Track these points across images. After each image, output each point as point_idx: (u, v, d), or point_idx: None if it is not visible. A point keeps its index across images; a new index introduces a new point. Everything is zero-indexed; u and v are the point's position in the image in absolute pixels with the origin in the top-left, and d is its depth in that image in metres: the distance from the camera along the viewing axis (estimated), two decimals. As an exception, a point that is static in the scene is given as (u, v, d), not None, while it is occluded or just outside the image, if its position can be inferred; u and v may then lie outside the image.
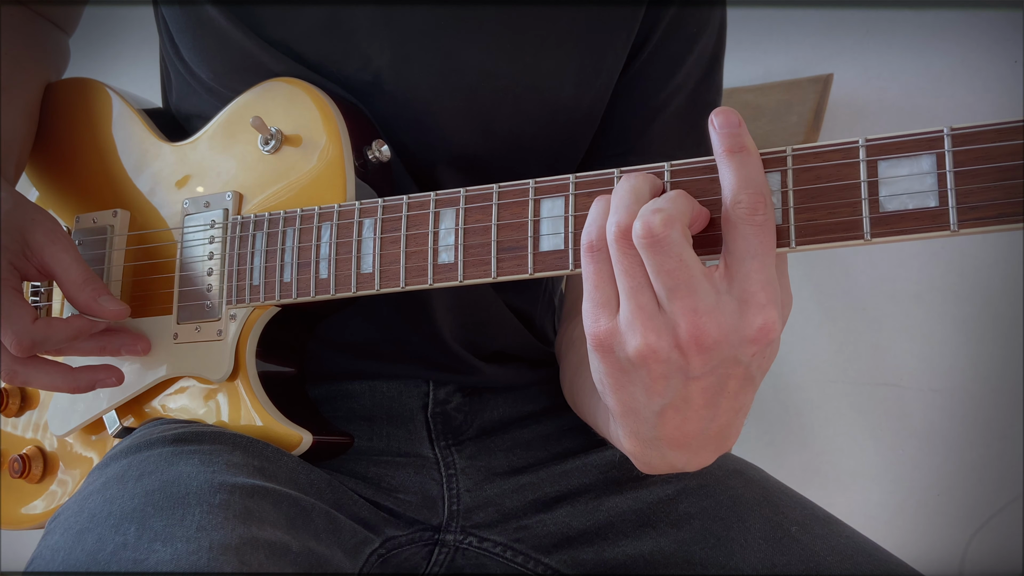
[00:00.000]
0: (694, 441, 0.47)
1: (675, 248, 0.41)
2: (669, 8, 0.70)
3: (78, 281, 0.63)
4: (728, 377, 0.44)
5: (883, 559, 0.59)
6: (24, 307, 0.61)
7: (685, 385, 0.44)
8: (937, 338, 1.04)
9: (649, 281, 0.43)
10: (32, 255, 0.63)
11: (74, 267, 0.63)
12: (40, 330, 0.61)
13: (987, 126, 0.39)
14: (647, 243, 0.42)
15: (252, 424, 0.62)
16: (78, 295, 0.63)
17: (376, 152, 0.63)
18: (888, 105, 1.06)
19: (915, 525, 1.06)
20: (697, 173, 0.47)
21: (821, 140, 0.52)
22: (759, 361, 0.44)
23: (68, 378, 0.63)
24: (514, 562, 0.65)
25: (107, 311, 0.63)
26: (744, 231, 0.42)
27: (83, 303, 0.63)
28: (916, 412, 1.05)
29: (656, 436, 0.47)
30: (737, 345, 0.43)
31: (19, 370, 0.62)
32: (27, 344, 0.60)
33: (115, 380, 0.65)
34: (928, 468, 1.05)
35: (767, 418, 1.14)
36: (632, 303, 0.43)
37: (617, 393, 0.46)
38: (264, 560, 0.48)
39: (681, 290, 0.42)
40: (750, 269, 0.42)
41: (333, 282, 0.58)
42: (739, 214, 0.42)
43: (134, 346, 0.65)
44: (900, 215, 0.41)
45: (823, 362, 1.10)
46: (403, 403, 0.71)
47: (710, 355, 0.43)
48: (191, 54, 0.69)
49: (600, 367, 0.46)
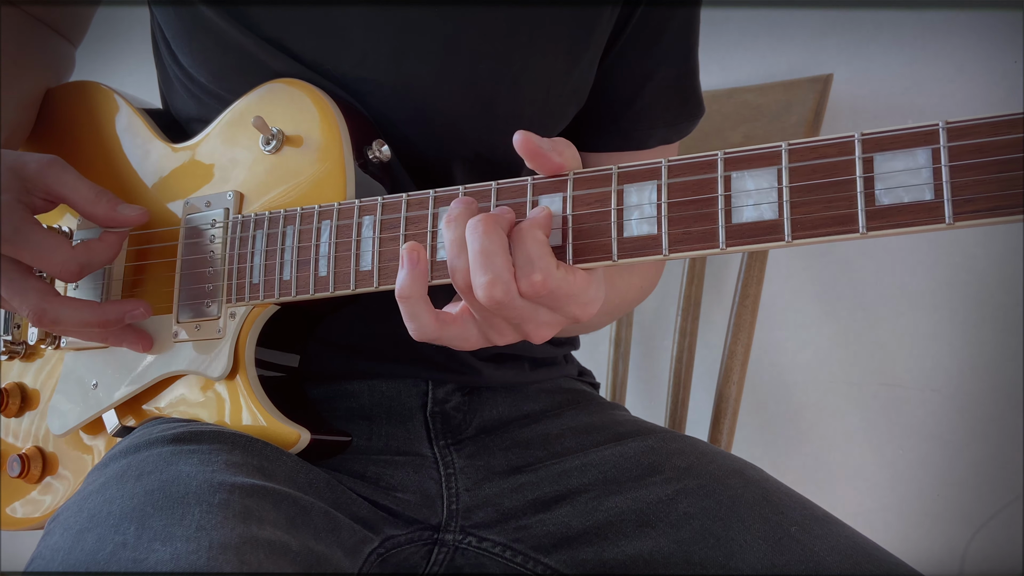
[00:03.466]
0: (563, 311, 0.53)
1: (515, 303, 0.49)
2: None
3: (90, 196, 0.62)
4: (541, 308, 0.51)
5: (883, 559, 0.59)
6: (56, 236, 0.61)
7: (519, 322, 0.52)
8: (937, 338, 1.04)
9: (498, 316, 0.51)
10: (33, 186, 0.62)
11: (80, 184, 0.62)
12: (83, 253, 0.61)
13: (982, 120, 0.40)
14: (494, 307, 0.49)
15: (251, 422, 0.62)
16: (95, 209, 0.62)
17: (376, 152, 0.63)
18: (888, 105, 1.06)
19: (915, 525, 1.06)
20: (693, 171, 0.47)
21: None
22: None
23: (97, 312, 0.62)
24: (513, 562, 0.65)
25: (129, 218, 0.63)
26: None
27: (103, 214, 0.62)
28: (916, 412, 1.05)
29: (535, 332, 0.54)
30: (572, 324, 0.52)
31: (47, 308, 0.61)
32: (75, 269, 0.60)
33: (143, 312, 0.64)
34: (928, 468, 1.05)
35: (767, 418, 1.14)
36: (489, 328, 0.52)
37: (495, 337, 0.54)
38: (264, 559, 0.48)
39: (525, 322, 0.51)
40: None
41: (332, 280, 0.58)
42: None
43: (137, 343, 0.65)
44: (896, 208, 0.41)
45: (823, 362, 1.10)
46: (402, 402, 0.71)
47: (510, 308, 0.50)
48: (188, 58, 0.69)
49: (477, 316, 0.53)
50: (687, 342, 1.04)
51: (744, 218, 0.45)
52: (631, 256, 0.48)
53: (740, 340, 0.98)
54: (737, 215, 0.45)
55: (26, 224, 0.60)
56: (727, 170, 0.46)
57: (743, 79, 1.10)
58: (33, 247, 0.60)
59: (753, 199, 0.45)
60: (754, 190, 0.45)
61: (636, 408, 0.84)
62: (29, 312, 0.61)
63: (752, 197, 0.45)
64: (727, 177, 0.46)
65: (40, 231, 0.60)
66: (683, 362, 1.03)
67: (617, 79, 0.74)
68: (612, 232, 0.49)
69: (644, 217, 0.48)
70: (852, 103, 1.06)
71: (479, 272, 0.48)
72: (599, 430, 0.72)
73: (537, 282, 0.48)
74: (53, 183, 0.62)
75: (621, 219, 0.49)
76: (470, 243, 0.49)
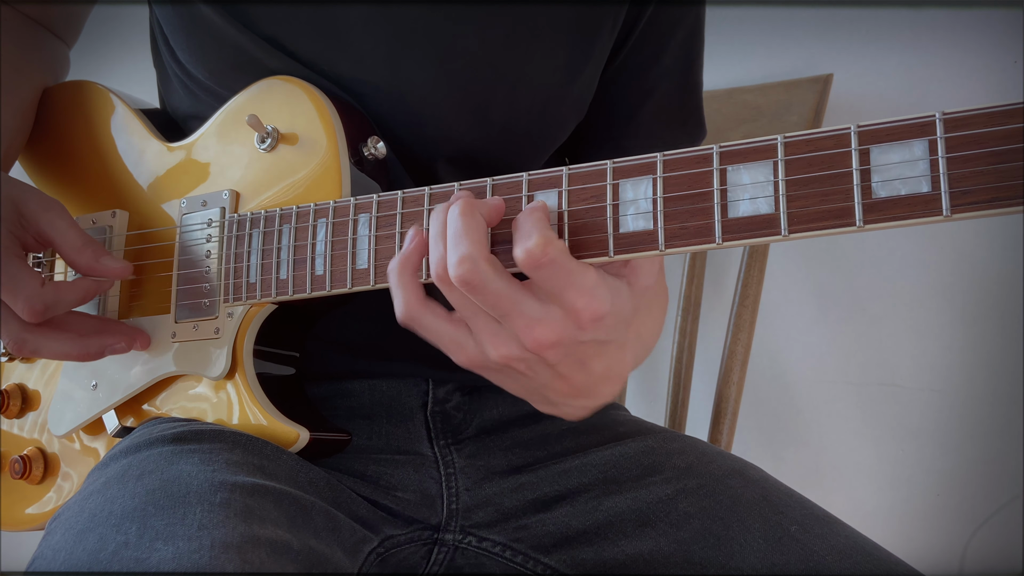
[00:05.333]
0: (586, 391, 0.52)
1: (489, 286, 0.46)
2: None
3: (77, 245, 0.63)
4: (585, 354, 0.49)
5: (883, 559, 0.58)
6: (30, 273, 0.61)
7: (551, 369, 0.49)
8: (937, 338, 1.04)
9: (479, 308, 0.48)
10: (28, 224, 0.62)
11: (70, 232, 0.63)
12: (50, 294, 0.60)
13: (979, 110, 0.39)
14: (466, 290, 0.47)
15: (249, 421, 0.62)
16: (79, 258, 0.63)
17: (372, 149, 0.63)
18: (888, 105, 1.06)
19: (915, 525, 1.06)
20: (688, 165, 0.47)
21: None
22: (604, 330, 0.48)
23: (78, 344, 0.63)
24: (513, 562, 0.65)
25: (110, 270, 0.63)
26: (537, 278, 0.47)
27: (85, 265, 0.63)
28: (916, 412, 1.05)
29: (553, 400, 0.53)
30: (575, 332, 0.47)
31: (28, 338, 0.62)
32: (39, 308, 0.60)
33: (124, 346, 0.65)
34: (928, 468, 1.05)
35: (767, 418, 1.14)
36: (475, 328, 0.49)
37: (508, 386, 0.53)
38: (265, 558, 0.47)
39: (509, 315, 0.47)
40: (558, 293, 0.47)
41: (329, 279, 0.58)
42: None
43: (133, 342, 0.66)
44: (893, 201, 0.41)
45: (823, 362, 1.10)
46: (402, 402, 0.71)
47: (556, 350, 0.47)
48: (186, 54, 0.69)
49: (485, 374, 0.52)
50: (687, 342, 1.03)
51: (740, 212, 0.45)
52: (627, 252, 0.48)
53: (740, 340, 0.98)
54: (733, 209, 0.45)
55: (7, 255, 0.60)
56: (722, 164, 0.46)
57: (743, 79, 1.10)
58: (5, 279, 0.60)
59: (749, 193, 0.45)
60: (750, 184, 0.45)
61: (636, 408, 0.84)
62: (9, 341, 0.62)
63: (748, 191, 0.45)
64: (723, 171, 0.46)
65: (16, 264, 0.60)
66: (683, 362, 1.03)
67: (617, 94, 0.74)
68: (608, 228, 0.48)
69: (640, 212, 0.48)
70: (852, 103, 1.06)
71: (452, 250, 0.47)
72: (599, 430, 0.72)
73: (535, 246, 0.45)
74: (46, 227, 0.62)
75: (617, 214, 0.48)
76: (448, 224, 0.48)
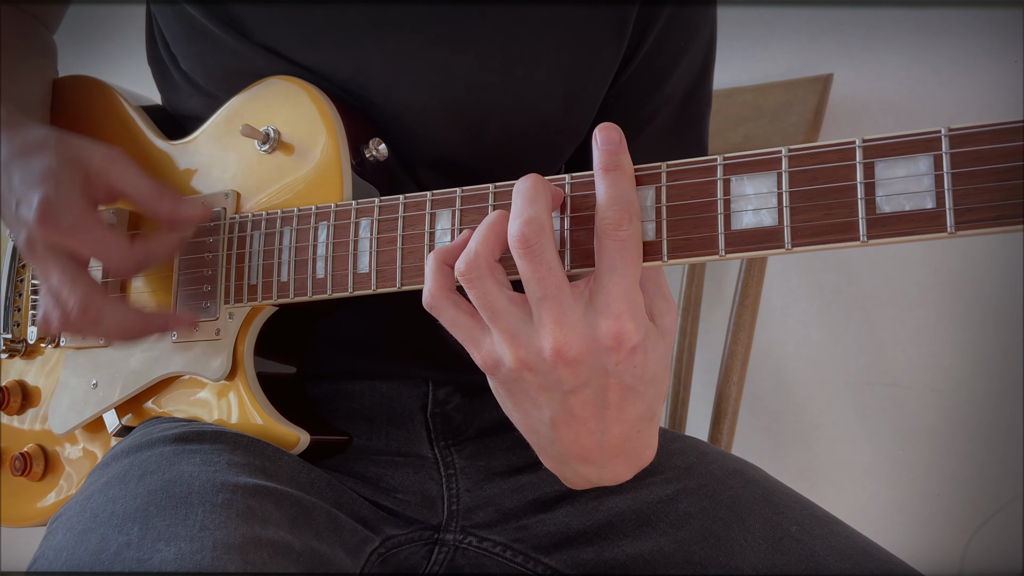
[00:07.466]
0: (596, 455, 0.49)
1: (546, 254, 0.45)
2: (656, 24, 0.70)
3: (154, 194, 0.61)
4: (605, 389, 0.46)
5: (883, 559, 0.59)
6: (116, 231, 0.59)
7: (565, 398, 0.47)
8: (937, 338, 1.04)
9: (505, 306, 0.46)
10: (97, 180, 0.60)
11: (143, 181, 0.60)
12: (141, 251, 0.59)
13: (985, 127, 0.39)
14: (523, 251, 0.45)
15: (250, 423, 0.62)
16: (159, 207, 0.61)
17: (373, 151, 0.63)
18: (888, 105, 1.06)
19: (915, 525, 1.06)
20: (691, 176, 0.47)
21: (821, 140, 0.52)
22: (629, 370, 0.46)
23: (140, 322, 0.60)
24: (514, 562, 0.65)
25: (193, 216, 0.62)
26: (607, 245, 0.45)
27: (167, 213, 0.61)
28: (916, 412, 1.05)
29: (559, 452, 0.50)
30: (598, 355, 0.45)
31: (92, 304, 0.58)
32: (131, 265, 0.59)
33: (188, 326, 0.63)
34: (928, 468, 1.05)
35: (767, 418, 1.14)
36: (497, 327, 0.46)
37: (516, 409, 0.50)
38: (267, 559, 0.48)
39: (548, 300, 0.45)
40: (609, 282, 0.44)
41: (330, 282, 0.58)
42: (604, 228, 0.45)
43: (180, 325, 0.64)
44: (897, 217, 0.41)
45: (823, 362, 1.10)
46: (402, 403, 0.71)
47: (576, 368, 0.45)
48: (187, 61, 0.69)
49: (495, 385, 0.49)
50: (687, 342, 1.04)
51: (744, 224, 0.45)
52: None
53: (740, 340, 0.98)
54: (736, 220, 0.45)
55: (88, 217, 0.58)
56: (726, 174, 0.46)
57: (743, 79, 1.10)
58: (94, 240, 0.58)
59: (752, 204, 0.45)
60: (753, 195, 0.45)
61: (636, 408, 0.84)
62: (75, 304, 0.58)
63: (751, 202, 0.45)
64: (726, 181, 0.46)
65: (101, 225, 0.58)
66: (683, 362, 1.03)
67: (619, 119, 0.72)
68: None
69: (643, 221, 0.47)
70: (852, 103, 1.06)
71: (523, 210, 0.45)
72: (599, 430, 0.72)
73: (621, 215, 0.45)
74: (116, 179, 0.60)
75: None
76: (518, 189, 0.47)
